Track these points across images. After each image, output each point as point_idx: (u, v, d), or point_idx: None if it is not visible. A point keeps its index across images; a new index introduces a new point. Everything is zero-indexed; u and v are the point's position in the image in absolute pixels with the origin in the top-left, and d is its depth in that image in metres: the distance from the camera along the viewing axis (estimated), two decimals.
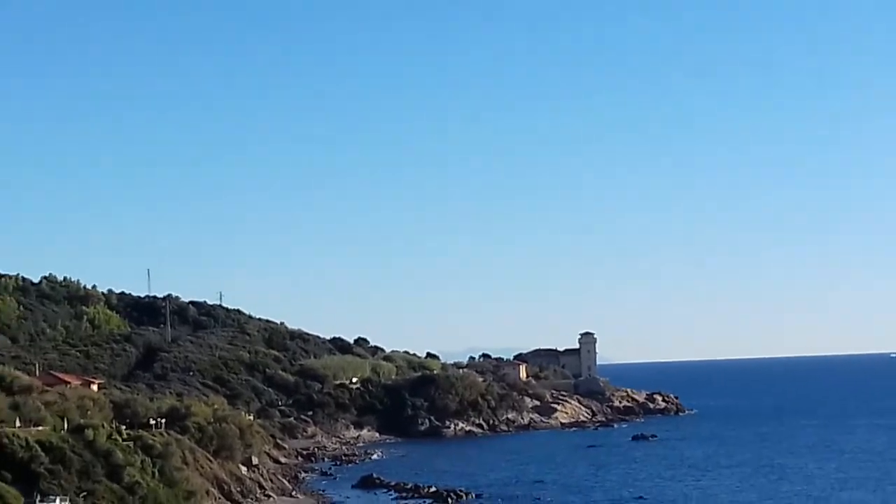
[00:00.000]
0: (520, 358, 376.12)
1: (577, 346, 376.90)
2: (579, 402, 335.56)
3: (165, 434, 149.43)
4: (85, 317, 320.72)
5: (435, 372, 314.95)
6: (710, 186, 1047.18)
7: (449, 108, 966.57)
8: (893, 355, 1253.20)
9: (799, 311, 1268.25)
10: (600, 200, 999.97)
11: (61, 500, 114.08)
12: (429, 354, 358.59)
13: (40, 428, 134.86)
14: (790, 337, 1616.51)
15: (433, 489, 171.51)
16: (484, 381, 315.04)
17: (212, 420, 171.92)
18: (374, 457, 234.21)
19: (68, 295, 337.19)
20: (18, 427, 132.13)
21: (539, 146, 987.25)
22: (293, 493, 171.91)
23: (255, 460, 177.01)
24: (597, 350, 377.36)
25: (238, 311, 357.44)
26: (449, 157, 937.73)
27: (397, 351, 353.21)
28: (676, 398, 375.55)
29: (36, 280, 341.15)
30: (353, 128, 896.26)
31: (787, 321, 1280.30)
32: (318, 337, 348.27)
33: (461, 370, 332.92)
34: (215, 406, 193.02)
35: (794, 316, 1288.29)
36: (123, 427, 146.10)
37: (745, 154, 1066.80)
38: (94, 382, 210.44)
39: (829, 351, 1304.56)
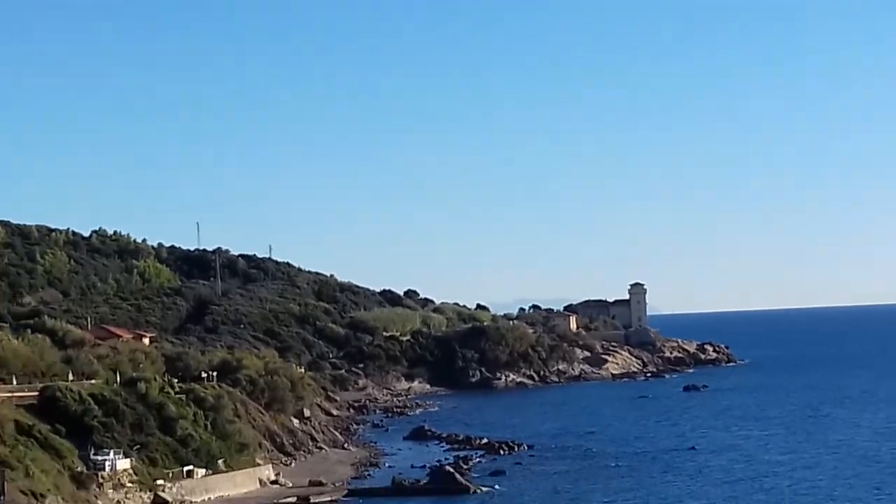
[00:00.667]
0: (570, 309, 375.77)
1: (627, 296, 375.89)
2: (630, 352, 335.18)
3: (217, 387, 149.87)
4: (135, 270, 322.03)
5: (485, 323, 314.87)
6: (763, 138, 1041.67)
7: (485, 65, 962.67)
8: None
9: (854, 258, 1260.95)
10: (650, 149, 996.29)
11: (115, 453, 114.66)
12: (479, 306, 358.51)
13: (93, 381, 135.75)
14: (845, 286, 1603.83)
15: (485, 441, 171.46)
16: (534, 332, 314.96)
17: (263, 373, 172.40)
18: (425, 409, 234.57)
19: (118, 248, 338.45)
20: (71, 380, 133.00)
21: (586, 96, 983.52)
22: (345, 445, 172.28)
23: (306, 413, 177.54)
24: (647, 300, 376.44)
25: (288, 263, 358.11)
26: (497, 109, 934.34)
27: (447, 303, 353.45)
28: (727, 348, 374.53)
29: (86, 234, 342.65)
30: (399, 83, 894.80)
31: (843, 269, 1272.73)
32: (368, 289, 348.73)
33: (511, 321, 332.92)
34: (266, 359, 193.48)
35: (850, 264, 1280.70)
36: (175, 380, 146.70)
37: (798, 106, 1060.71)
38: (145, 336, 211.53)
39: (886, 300, 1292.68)
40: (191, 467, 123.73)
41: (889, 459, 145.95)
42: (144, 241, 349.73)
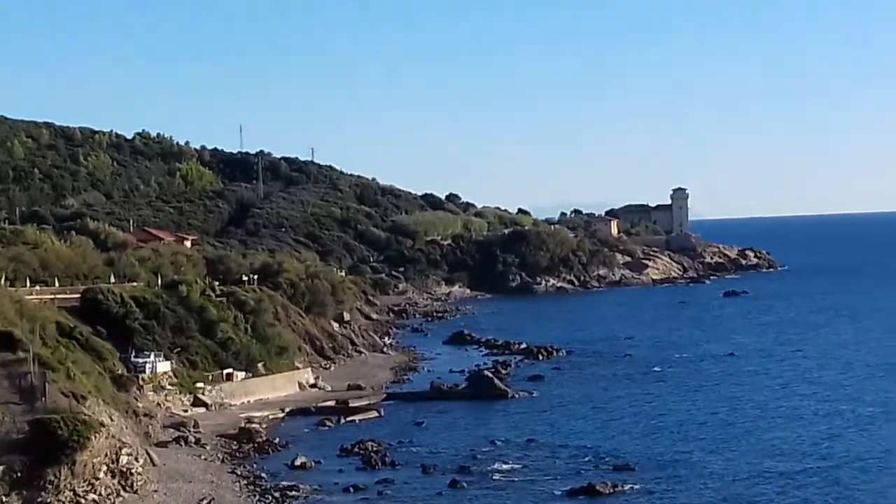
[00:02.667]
0: (611, 214, 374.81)
1: (668, 201, 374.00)
2: (670, 258, 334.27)
3: (258, 290, 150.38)
4: (178, 173, 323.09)
5: (526, 228, 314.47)
6: (807, 36, 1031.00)
7: None
8: None
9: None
10: (694, 55, 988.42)
11: (155, 356, 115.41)
12: (520, 210, 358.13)
13: (134, 284, 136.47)
14: (888, 191, 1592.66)
15: (524, 345, 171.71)
16: (575, 236, 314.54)
17: (304, 276, 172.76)
18: (465, 313, 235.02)
19: (161, 151, 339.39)
20: (113, 283, 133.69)
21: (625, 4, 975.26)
22: (384, 349, 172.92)
23: (346, 316, 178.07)
24: (688, 206, 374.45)
25: (330, 166, 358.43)
26: (538, 15, 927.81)
27: (489, 207, 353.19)
28: (768, 254, 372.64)
29: (129, 136, 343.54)
30: None
31: (887, 174, 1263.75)
32: (410, 193, 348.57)
33: (552, 226, 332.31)
34: (307, 262, 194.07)
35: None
36: (216, 283, 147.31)
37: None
38: (187, 239, 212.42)
39: None
40: (230, 370, 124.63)
41: None
42: (187, 143, 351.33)
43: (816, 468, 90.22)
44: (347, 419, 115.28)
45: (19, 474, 72.45)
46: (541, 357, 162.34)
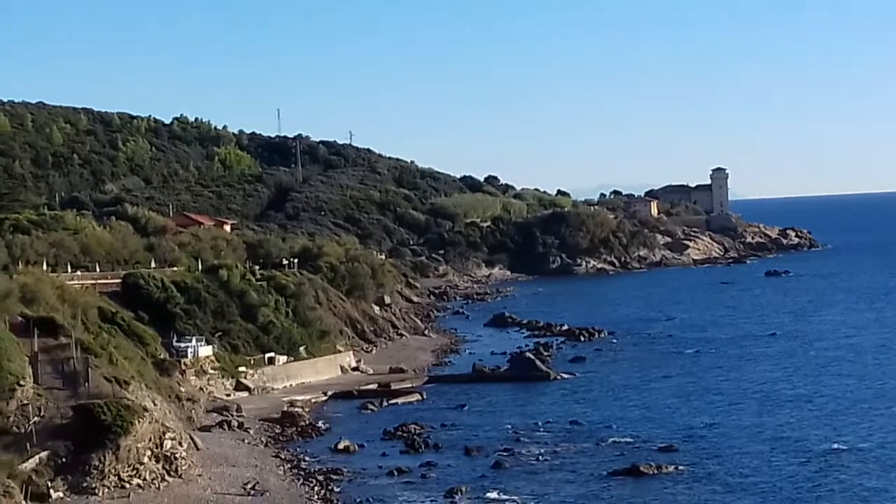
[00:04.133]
0: (651, 194, 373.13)
1: (708, 181, 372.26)
2: (711, 238, 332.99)
3: (298, 274, 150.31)
4: (216, 157, 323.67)
5: (566, 209, 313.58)
6: (845, 19, 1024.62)
7: None
8: None
9: None
10: (736, 35, 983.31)
11: (197, 340, 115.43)
12: (559, 192, 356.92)
13: (175, 268, 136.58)
14: None
15: (565, 327, 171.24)
16: (615, 217, 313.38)
17: (344, 260, 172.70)
18: (506, 295, 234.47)
19: (200, 136, 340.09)
20: (154, 268, 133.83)
21: None
22: (426, 331, 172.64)
23: (387, 299, 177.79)
24: (729, 186, 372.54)
25: (368, 150, 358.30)
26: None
27: (528, 188, 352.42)
28: (810, 233, 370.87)
29: (168, 121, 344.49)
30: None
31: None
32: (449, 175, 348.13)
33: (592, 207, 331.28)
34: (347, 245, 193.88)
35: None
36: (256, 267, 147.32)
37: None
38: (226, 223, 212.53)
39: None
40: (272, 354, 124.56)
41: None
42: (225, 127, 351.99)
43: (858, 450, 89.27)
44: (390, 402, 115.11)
45: (64, 459, 72.60)
46: (582, 338, 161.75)
